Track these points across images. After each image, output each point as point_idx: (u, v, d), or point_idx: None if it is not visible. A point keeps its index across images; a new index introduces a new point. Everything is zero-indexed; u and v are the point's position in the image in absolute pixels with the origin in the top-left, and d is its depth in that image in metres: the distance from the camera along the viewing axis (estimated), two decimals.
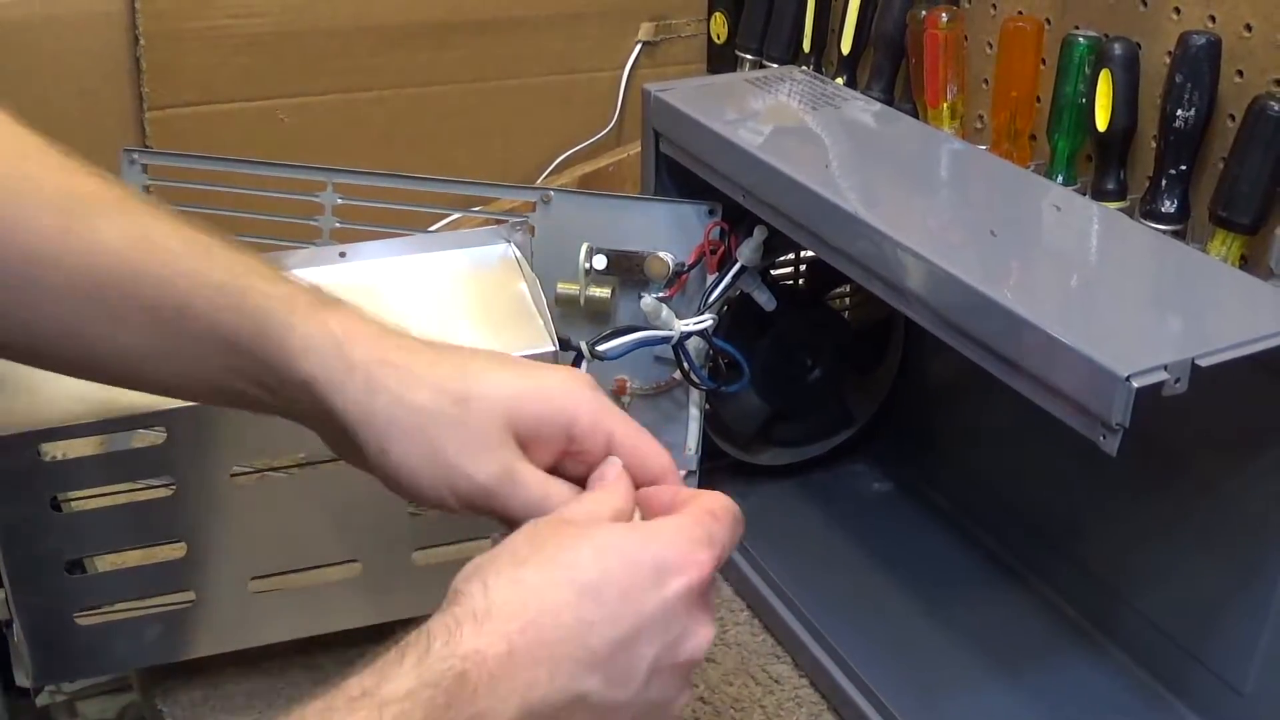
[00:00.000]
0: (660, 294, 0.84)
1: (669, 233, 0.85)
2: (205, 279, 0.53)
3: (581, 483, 0.54)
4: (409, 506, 0.73)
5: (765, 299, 0.86)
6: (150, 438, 0.69)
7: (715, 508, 0.52)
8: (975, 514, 0.90)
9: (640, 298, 0.83)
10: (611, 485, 0.53)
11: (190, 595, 0.72)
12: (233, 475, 0.70)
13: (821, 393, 0.93)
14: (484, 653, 0.44)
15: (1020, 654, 0.79)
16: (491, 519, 0.54)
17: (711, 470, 0.92)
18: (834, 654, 0.77)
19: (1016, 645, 0.80)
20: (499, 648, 0.45)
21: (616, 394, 0.87)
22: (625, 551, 0.48)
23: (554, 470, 0.54)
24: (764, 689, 0.79)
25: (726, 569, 0.88)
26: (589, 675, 0.46)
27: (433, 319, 0.75)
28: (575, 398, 0.54)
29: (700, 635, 0.49)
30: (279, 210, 0.94)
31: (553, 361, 0.73)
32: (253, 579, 0.73)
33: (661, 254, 0.83)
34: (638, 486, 0.54)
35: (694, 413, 0.87)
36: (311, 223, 0.90)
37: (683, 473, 0.87)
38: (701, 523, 0.51)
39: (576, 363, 0.77)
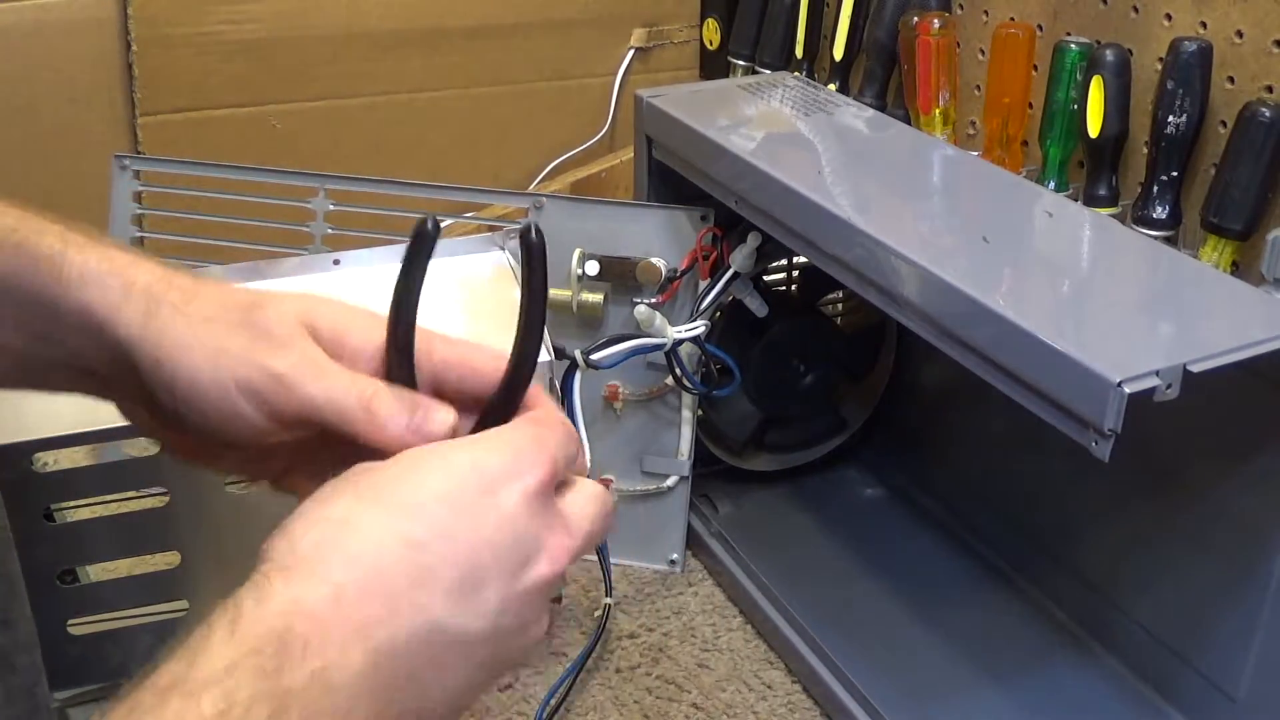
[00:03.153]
0: (652, 300, 0.84)
1: (661, 239, 0.85)
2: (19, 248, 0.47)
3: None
4: None
5: (757, 305, 0.86)
6: (143, 447, 0.68)
7: (541, 416, 0.45)
8: (968, 519, 0.90)
9: (633, 304, 0.83)
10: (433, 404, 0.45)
11: (184, 604, 0.72)
12: (226, 485, 0.70)
13: (814, 398, 0.93)
14: (304, 600, 0.37)
15: (1012, 659, 0.79)
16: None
17: (704, 476, 0.92)
18: (827, 660, 0.77)
19: (1009, 650, 0.80)
20: (321, 592, 0.37)
21: (609, 400, 0.87)
22: (446, 464, 0.42)
23: None
24: (757, 695, 0.79)
25: (720, 574, 0.88)
26: (434, 599, 0.39)
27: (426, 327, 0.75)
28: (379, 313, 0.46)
29: (554, 548, 0.41)
30: (271, 216, 0.94)
31: (547, 373, 0.73)
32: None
33: (654, 260, 0.83)
34: (472, 395, 0.46)
35: (686, 417, 0.87)
36: (303, 229, 0.90)
37: (674, 479, 0.88)
38: (526, 430, 0.44)
39: (571, 371, 0.77)
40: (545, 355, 0.73)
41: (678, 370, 0.83)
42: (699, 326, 0.82)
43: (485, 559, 0.40)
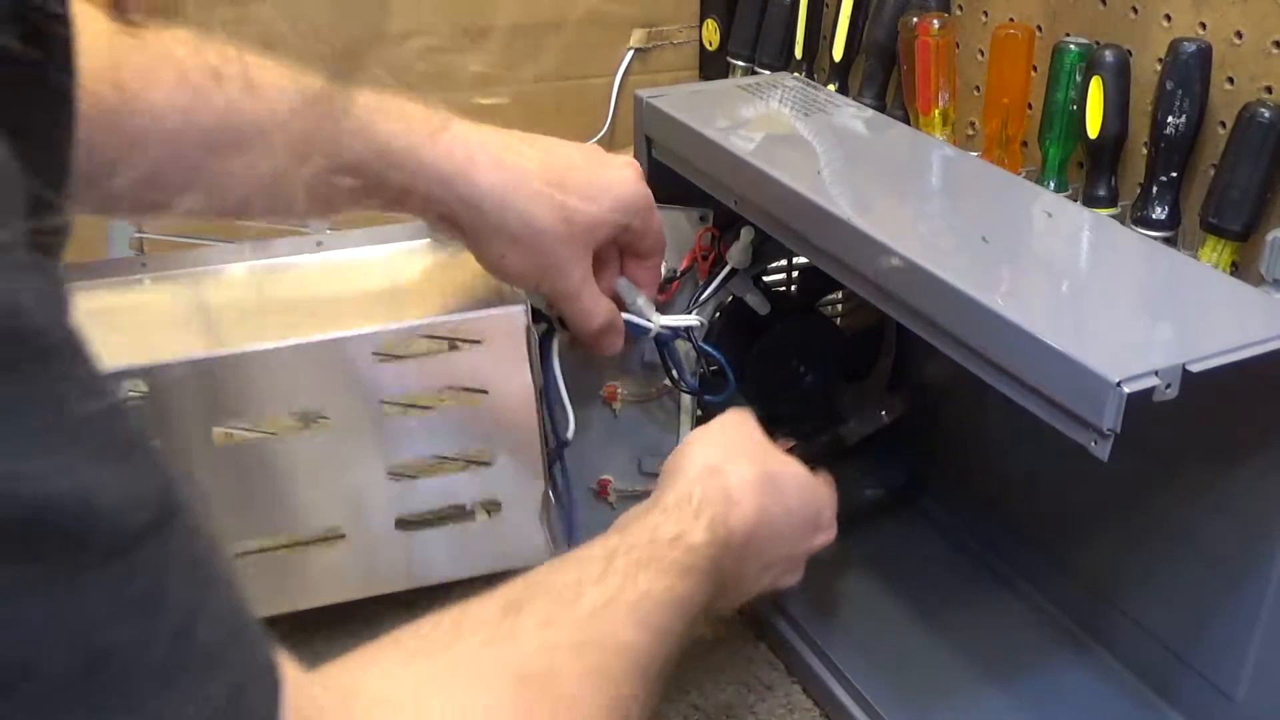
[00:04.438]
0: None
1: None
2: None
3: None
4: (390, 470, 0.74)
5: (758, 301, 0.86)
6: (132, 388, 0.69)
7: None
8: (967, 520, 0.90)
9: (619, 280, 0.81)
10: None
11: None
12: (214, 435, 0.70)
13: (814, 398, 0.93)
14: (737, 531, 0.63)
15: (1012, 660, 0.79)
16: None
17: None
18: (826, 660, 0.77)
19: (1008, 651, 0.80)
20: (745, 528, 0.63)
21: (607, 400, 0.86)
22: (818, 503, 0.71)
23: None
24: (756, 695, 0.79)
25: None
26: (768, 568, 0.67)
27: (408, 292, 0.77)
28: (636, 203, 0.74)
29: (824, 539, 0.72)
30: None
31: (525, 322, 0.75)
32: (235, 546, 0.72)
33: None
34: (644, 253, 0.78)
35: (685, 418, 0.87)
36: (304, 228, 0.90)
37: None
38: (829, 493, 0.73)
39: (549, 335, 0.77)
40: (522, 303, 0.74)
41: (668, 364, 0.83)
42: (691, 320, 0.82)
43: (798, 547, 0.70)
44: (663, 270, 0.83)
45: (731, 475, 0.64)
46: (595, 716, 0.48)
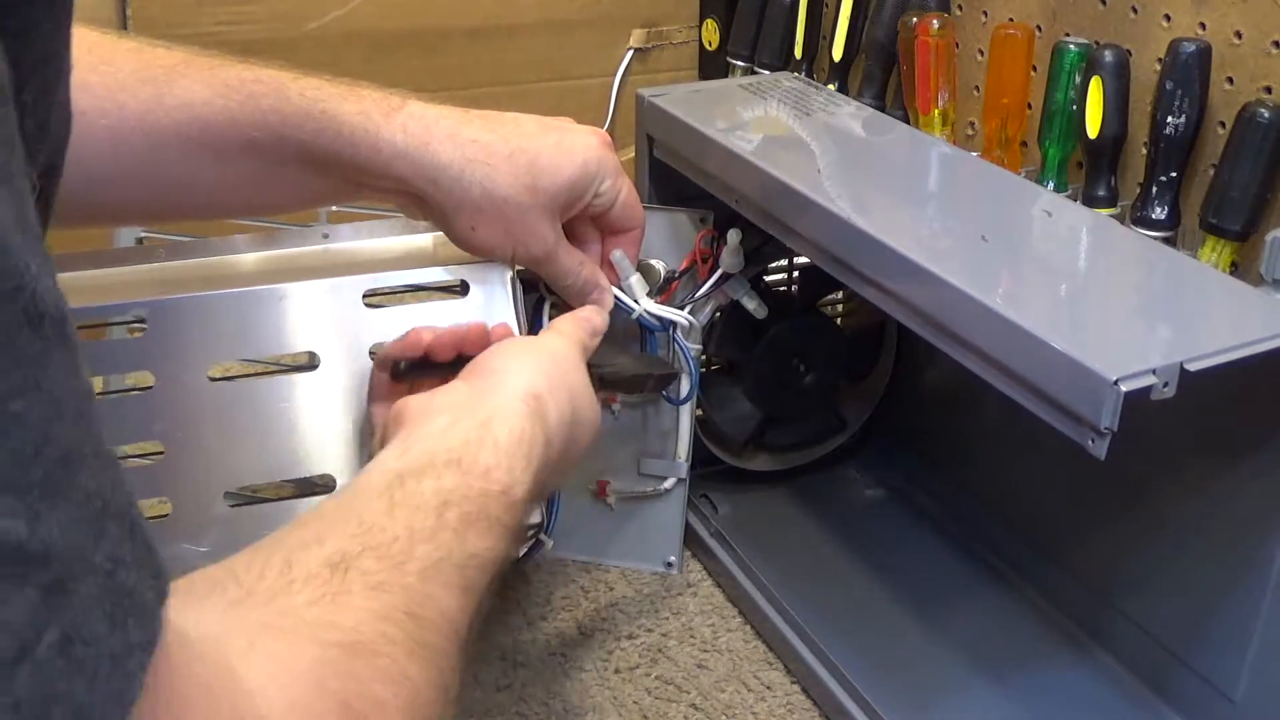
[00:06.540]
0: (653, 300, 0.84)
1: (661, 240, 0.85)
2: (291, 110, 0.66)
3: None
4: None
5: (755, 306, 0.86)
6: (126, 329, 0.69)
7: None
8: (967, 519, 0.90)
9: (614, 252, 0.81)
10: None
11: (166, 505, 0.70)
12: (210, 372, 0.70)
13: (814, 399, 0.93)
14: (543, 483, 0.61)
15: (1011, 659, 0.79)
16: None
17: (704, 476, 0.92)
18: (826, 660, 0.77)
19: (1007, 651, 0.80)
20: (546, 474, 0.61)
21: (606, 402, 0.86)
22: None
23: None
24: (756, 695, 0.79)
25: (719, 575, 0.88)
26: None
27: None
28: (600, 166, 0.73)
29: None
30: (274, 216, 0.93)
31: (510, 273, 0.75)
32: (227, 494, 0.72)
33: (653, 261, 0.83)
34: (616, 232, 0.78)
35: (684, 419, 0.87)
36: (306, 227, 0.90)
37: (671, 481, 0.87)
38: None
39: (539, 305, 0.77)
40: (508, 270, 0.75)
41: (642, 346, 0.82)
42: (679, 316, 0.81)
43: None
44: (662, 272, 0.83)
45: (553, 410, 0.62)
46: (424, 692, 0.47)
